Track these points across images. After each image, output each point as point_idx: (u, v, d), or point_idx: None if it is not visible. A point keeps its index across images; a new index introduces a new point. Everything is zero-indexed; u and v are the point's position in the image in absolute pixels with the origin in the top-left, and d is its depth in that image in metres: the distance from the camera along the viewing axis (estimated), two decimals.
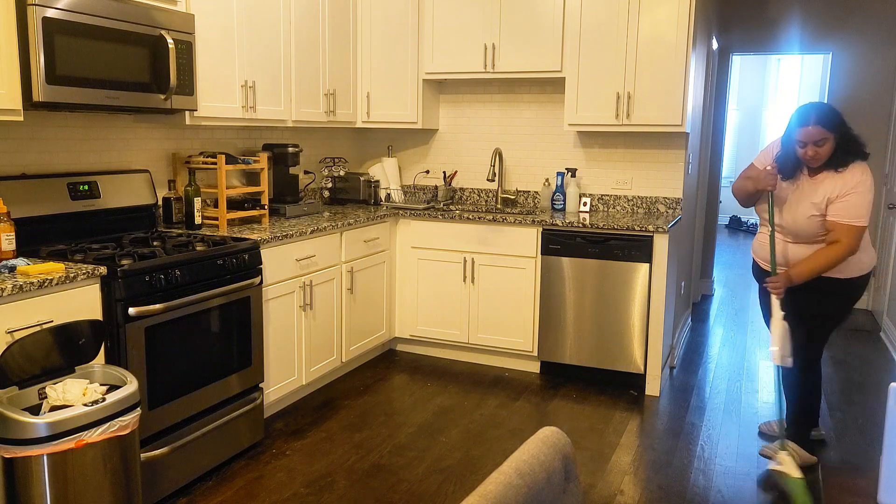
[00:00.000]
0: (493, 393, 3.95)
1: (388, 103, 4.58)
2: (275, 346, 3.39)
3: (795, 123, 2.90)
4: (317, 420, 3.54)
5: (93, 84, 2.66)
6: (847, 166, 2.90)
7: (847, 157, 2.90)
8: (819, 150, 2.87)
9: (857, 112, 5.84)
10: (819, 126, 2.84)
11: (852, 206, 2.87)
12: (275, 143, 4.04)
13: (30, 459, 2.00)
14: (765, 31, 6.07)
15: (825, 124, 2.84)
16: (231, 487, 2.87)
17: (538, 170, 4.70)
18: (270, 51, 3.69)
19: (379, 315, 4.34)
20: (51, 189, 2.88)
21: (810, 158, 2.90)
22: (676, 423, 3.59)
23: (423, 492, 2.87)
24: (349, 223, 3.93)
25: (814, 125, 2.85)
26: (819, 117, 2.85)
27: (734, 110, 10.82)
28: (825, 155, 2.89)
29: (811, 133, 2.85)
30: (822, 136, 2.85)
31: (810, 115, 2.86)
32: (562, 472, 1.34)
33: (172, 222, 3.50)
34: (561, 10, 4.16)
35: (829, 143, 2.86)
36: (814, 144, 2.87)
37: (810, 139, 2.86)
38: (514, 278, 4.18)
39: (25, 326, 2.21)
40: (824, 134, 2.84)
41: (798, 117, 2.90)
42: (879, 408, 3.84)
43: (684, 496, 2.89)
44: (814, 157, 2.90)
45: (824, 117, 2.85)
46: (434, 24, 4.46)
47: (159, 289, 2.61)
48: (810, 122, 2.85)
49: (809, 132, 2.85)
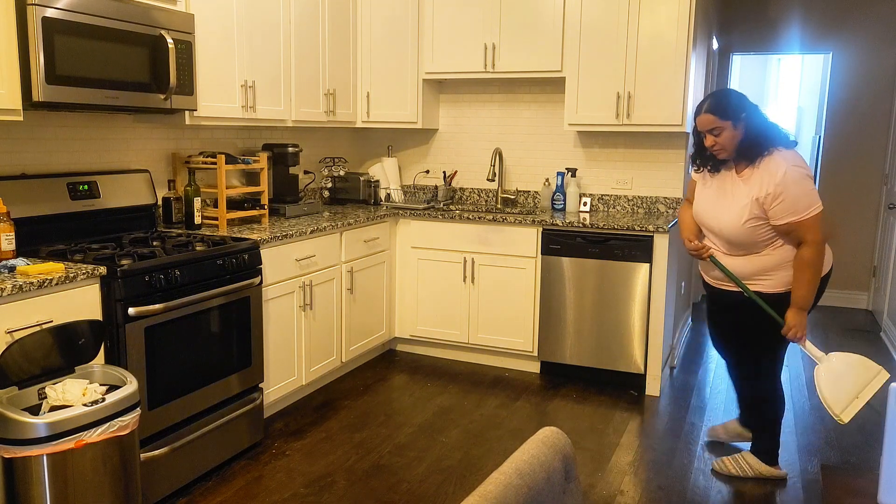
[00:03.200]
0: (493, 393, 3.95)
1: (388, 103, 4.58)
2: (275, 346, 3.39)
3: (695, 112, 2.75)
4: (317, 420, 3.54)
5: (92, 84, 2.65)
6: (762, 157, 2.65)
7: (756, 150, 2.65)
8: (717, 139, 2.68)
9: (857, 112, 5.85)
10: (710, 114, 2.67)
11: (794, 201, 2.60)
12: (275, 143, 4.04)
13: (30, 459, 1.99)
14: (765, 31, 6.07)
15: (716, 111, 2.65)
16: (231, 487, 2.87)
17: (538, 170, 4.70)
18: (270, 51, 3.69)
19: (379, 315, 4.34)
20: (50, 189, 2.88)
21: (711, 148, 2.72)
22: (676, 423, 3.59)
23: (423, 492, 2.87)
24: (349, 223, 3.93)
25: (705, 113, 2.67)
26: (711, 104, 2.67)
27: None
28: (727, 144, 2.68)
29: (703, 121, 2.69)
30: (714, 125, 2.66)
31: (703, 103, 2.70)
32: (562, 472, 1.34)
33: (172, 222, 3.50)
34: (561, 10, 4.16)
35: (725, 131, 2.66)
36: (710, 133, 2.69)
37: (704, 128, 2.70)
38: (514, 278, 4.17)
39: (25, 326, 2.21)
40: (716, 122, 2.65)
41: (698, 105, 2.74)
42: (879, 408, 3.84)
43: (684, 496, 2.89)
44: (714, 147, 2.71)
45: (717, 104, 2.66)
46: (434, 24, 4.46)
47: (159, 289, 2.61)
48: (702, 109, 2.69)
49: (701, 120, 2.70)
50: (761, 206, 2.65)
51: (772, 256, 2.74)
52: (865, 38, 5.76)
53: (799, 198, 2.60)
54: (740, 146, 2.69)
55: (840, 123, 5.91)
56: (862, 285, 6.06)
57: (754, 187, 2.67)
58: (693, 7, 3.90)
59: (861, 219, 5.96)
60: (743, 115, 2.67)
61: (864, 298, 6.05)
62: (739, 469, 3.04)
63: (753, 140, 2.67)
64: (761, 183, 2.64)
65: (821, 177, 6.06)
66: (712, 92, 2.78)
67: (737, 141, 2.69)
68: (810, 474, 3.07)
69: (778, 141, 2.69)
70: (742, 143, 2.68)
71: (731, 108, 2.67)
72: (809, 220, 2.62)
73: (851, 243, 6.02)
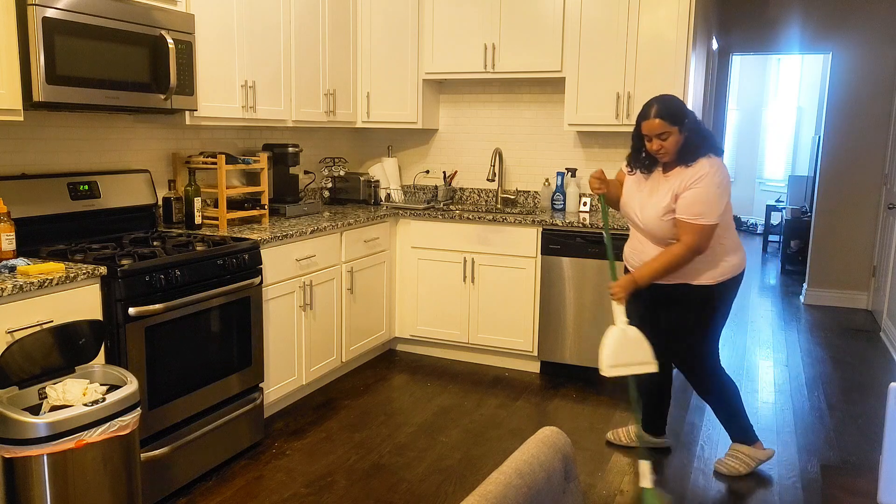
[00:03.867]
0: (493, 393, 3.95)
1: (388, 103, 4.58)
2: (275, 346, 3.39)
3: (639, 117, 2.84)
4: (317, 420, 3.54)
5: (93, 84, 2.66)
6: (696, 161, 2.78)
7: (696, 151, 2.78)
8: (663, 143, 2.78)
9: (857, 112, 5.85)
10: (660, 119, 2.75)
11: (692, 203, 2.75)
12: (275, 143, 4.04)
13: (30, 459, 1.99)
14: (765, 31, 6.07)
15: (666, 117, 2.75)
16: (231, 487, 2.87)
17: (538, 170, 4.70)
18: (270, 51, 3.69)
19: (379, 315, 4.34)
20: (51, 189, 2.88)
21: (656, 152, 2.81)
22: (676, 423, 3.59)
23: (423, 492, 2.87)
24: (349, 223, 3.93)
25: (654, 118, 2.76)
26: (660, 110, 2.76)
27: (734, 110, 10.82)
28: (671, 148, 2.79)
29: (653, 126, 2.78)
30: (663, 130, 2.76)
31: (652, 108, 2.78)
32: (562, 472, 1.34)
33: (172, 222, 3.50)
34: (561, 10, 4.16)
35: (672, 136, 2.77)
36: (657, 138, 2.78)
37: (652, 132, 2.79)
38: (514, 278, 4.18)
39: (25, 326, 2.21)
40: (666, 127, 2.75)
41: (642, 111, 2.83)
42: (879, 408, 3.84)
43: (684, 496, 2.89)
44: (659, 151, 2.80)
45: (665, 110, 2.76)
46: (434, 24, 4.46)
47: (159, 289, 2.61)
48: (651, 114, 2.78)
49: (651, 125, 2.78)
50: (676, 200, 2.80)
51: None
52: (865, 38, 5.76)
53: (696, 201, 2.75)
54: (681, 150, 2.81)
55: (840, 123, 5.91)
56: (862, 285, 6.06)
57: (675, 183, 2.81)
58: (693, 7, 3.90)
59: (861, 219, 5.96)
60: (686, 121, 2.80)
61: (864, 298, 6.05)
62: (740, 464, 3.07)
63: (693, 145, 2.80)
64: (681, 180, 2.79)
65: (821, 177, 6.07)
66: (655, 98, 2.85)
67: (679, 145, 2.81)
68: (810, 474, 3.07)
69: (712, 148, 2.83)
70: (682, 148, 2.81)
71: (679, 114, 2.79)
72: (694, 226, 2.77)
73: (851, 243, 6.02)
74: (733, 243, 2.93)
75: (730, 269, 2.92)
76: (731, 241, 2.93)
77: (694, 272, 2.89)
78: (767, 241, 9.12)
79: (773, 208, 9.17)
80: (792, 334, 5.28)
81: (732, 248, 2.93)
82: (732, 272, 2.93)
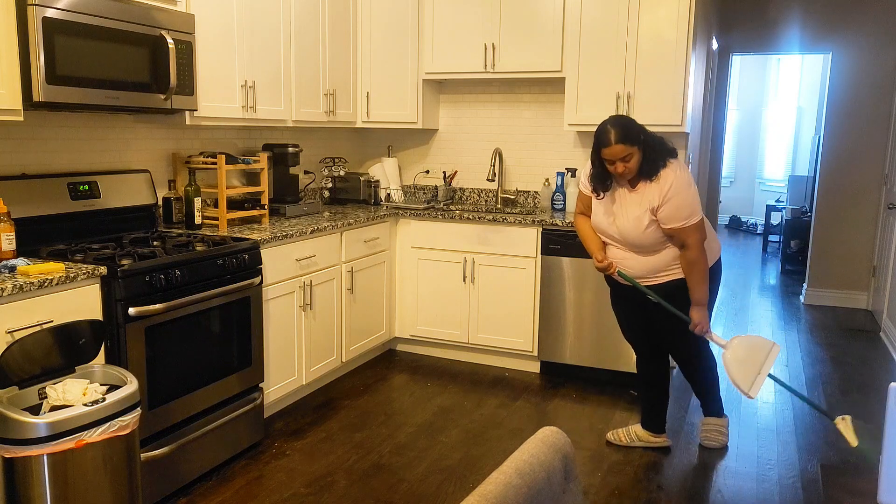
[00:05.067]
0: (493, 393, 3.95)
1: (388, 103, 4.58)
2: (275, 346, 3.39)
3: (598, 144, 2.90)
4: (317, 420, 3.54)
5: (93, 84, 2.66)
6: (658, 173, 2.89)
7: (656, 165, 2.89)
8: (627, 164, 2.86)
9: (857, 112, 5.85)
10: (621, 143, 2.83)
11: (678, 209, 2.87)
12: (275, 143, 4.04)
13: (30, 459, 2.00)
14: (765, 31, 6.07)
15: (626, 140, 2.83)
16: (231, 487, 2.87)
17: (538, 170, 4.70)
18: (270, 51, 3.69)
19: (379, 315, 4.34)
20: (51, 189, 2.88)
21: (622, 174, 2.90)
22: (676, 423, 3.59)
23: (423, 492, 2.87)
24: (349, 223, 3.93)
25: (616, 143, 2.83)
26: (619, 134, 2.83)
27: (734, 110, 10.82)
28: (635, 167, 2.88)
29: (615, 152, 2.85)
30: (626, 153, 2.84)
31: (610, 134, 2.85)
32: (562, 472, 1.34)
33: (172, 222, 3.50)
34: (561, 10, 4.16)
35: (634, 156, 2.86)
36: (621, 161, 2.86)
37: (615, 157, 2.86)
38: (514, 278, 4.18)
39: (25, 326, 2.21)
40: (627, 149, 2.84)
41: (599, 137, 2.88)
42: (879, 408, 3.84)
43: (684, 496, 2.89)
44: (624, 173, 2.89)
45: (623, 133, 2.84)
46: (434, 24, 4.46)
47: (159, 289, 2.61)
48: (612, 141, 2.84)
49: (613, 151, 2.85)
50: (655, 213, 2.91)
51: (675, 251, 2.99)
52: (865, 38, 5.76)
53: (681, 207, 2.87)
54: (641, 166, 2.89)
55: (840, 123, 5.91)
56: (862, 285, 6.06)
57: (646, 197, 2.90)
58: (693, 7, 3.90)
59: (861, 219, 5.96)
60: (642, 138, 2.88)
61: (864, 298, 6.05)
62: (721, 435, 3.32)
63: (650, 158, 2.89)
64: (653, 194, 2.89)
65: (821, 177, 6.07)
66: (611, 121, 2.89)
67: (640, 162, 2.88)
68: (810, 474, 3.07)
69: (667, 153, 2.92)
70: (643, 163, 2.89)
71: (635, 134, 2.87)
72: (690, 227, 2.90)
73: (851, 243, 6.02)
74: (708, 231, 3.05)
75: (713, 253, 3.05)
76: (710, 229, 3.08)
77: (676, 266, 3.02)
78: (767, 241, 9.12)
79: (773, 208, 9.17)
80: (792, 334, 5.28)
81: (710, 235, 3.06)
82: (715, 256, 3.08)
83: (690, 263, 2.94)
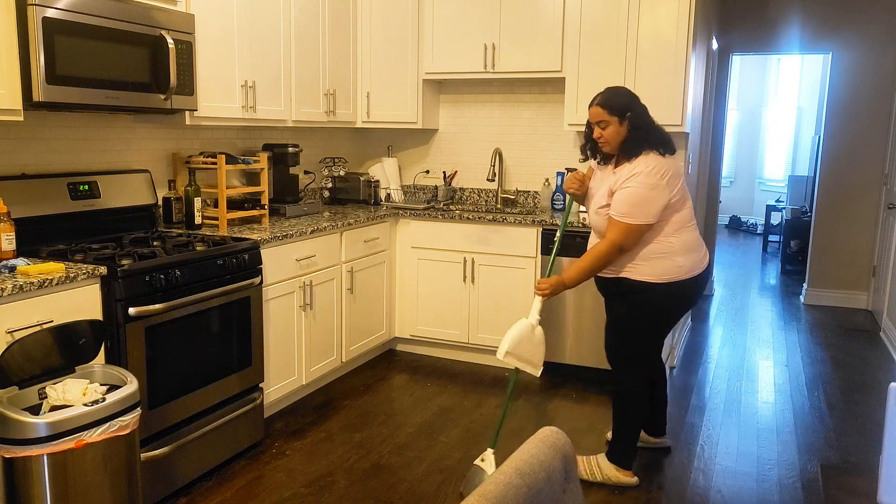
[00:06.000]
0: (493, 393, 3.95)
1: (388, 103, 4.58)
2: (275, 346, 3.39)
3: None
4: (317, 420, 3.54)
5: (93, 84, 2.66)
6: (638, 156, 2.73)
7: (638, 147, 2.73)
8: (603, 132, 2.76)
9: (857, 112, 5.85)
10: (599, 107, 2.75)
11: (621, 201, 2.70)
12: (275, 143, 4.04)
13: (30, 459, 2.00)
14: (765, 31, 6.07)
15: (605, 106, 2.74)
16: (231, 487, 2.87)
17: (538, 170, 4.70)
18: (270, 51, 3.69)
19: (379, 315, 4.34)
20: (51, 189, 2.88)
21: (598, 140, 2.81)
22: (676, 423, 3.59)
23: (423, 492, 2.87)
24: (349, 223, 3.93)
25: (596, 105, 2.75)
26: (602, 98, 2.76)
27: (734, 110, 10.82)
28: (611, 139, 2.76)
29: (592, 113, 2.78)
30: (601, 118, 2.75)
31: (597, 96, 2.78)
32: (562, 472, 1.34)
33: (172, 222, 3.50)
34: (561, 9, 4.16)
35: (611, 126, 2.74)
36: (598, 126, 2.77)
37: (593, 120, 2.79)
38: (514, 278, 4.18)
39: (25, 326, 2.21)
40: (604, 115, 2.74)
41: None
42: (879, 408, 3.84)
43: (684, 496, 2.89)
44: (600, 140, 2.79)
45: (607, 99, 2.75)
46: (434, 24, 4.46)
47: (159, 289, 2.61)
48: (594, 102, 2.78)
49: (592, 112, 2.79)
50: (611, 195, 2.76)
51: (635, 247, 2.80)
52: (865, 38, 5.76)
53: (626, 202, 2.70)
54: (623, 144, 2.77)
55: (840, 123, 5.91)
56: (861, 285, 6.06)
57: (616, 177, 2.77)
58: (693, 7, 3.90)
59: (861, 219, 5.96)
60: (629, 114, 2.75)
61: (864, 298, 6.05)
62: (593, 474, 2.97)
63: (634, 139, 2.75)
64: (620, 177, 2.75)
65: (821, 177, 6.07)
66: (610, 87, 2.86)
67: (621, 138, 2.77)
68: (810, 474, 3.07)
69: (658, 144, 2.75)
70: (624, 142, 2.77)
71: (620, 105, 2.76)
72: (619, 225, 2.72)
73: (851, 243, 6.02)
74: (684, 245, 2.80)
75: (675, 270, 2.78)
76: (681, 241, 2.79)
77: (632, 267, 2.81)
78: (767, 241, 9.12)
79: (773, 208, 9.17)
80: (792, 334, 5.28)
81: (682, 249, 2.79)
82: (678, 274, 2.79)
83: (594, 252, 2.77)
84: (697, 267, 2.83)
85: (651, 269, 2.80)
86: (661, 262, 2.78)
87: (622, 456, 2.95)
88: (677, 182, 2.76)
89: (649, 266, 2.80)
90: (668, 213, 2.75)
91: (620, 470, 2.94)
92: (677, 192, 2.76)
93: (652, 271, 2.80)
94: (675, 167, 2.78)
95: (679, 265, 2.79)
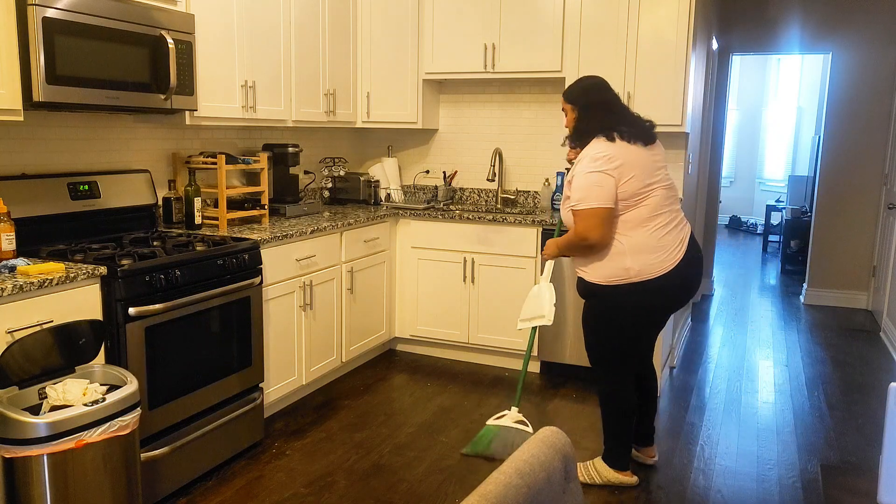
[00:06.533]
0: (493, 393, 3.95)
1: (388, 103, 4.58)
2: (275, 346, 3.39)
3: None
4: (317, 420, 3.54)
5: (93, 84, 2.66)
6: (588, 143, 2.73)
7: (583, 135, 2.74)
8: (566, 118, 2.83)
9: (857, 112, 5.85)
10: (563, 97, 2.81)
11: (574, 188, 2.68)
12: (275, 143, 4.04)
13: (30, 459, 2.00)
14: (765, 31, 6.07)
15: (564, 94, 2.80)
16: (231, 487, 2.87)
17: (538, 170, 4.70)
18: (270, 51, 3.69)
19: (379, 315, 4.34)
20: (51, 189, 2.88)
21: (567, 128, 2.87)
22: (676, 423, 3.59)
23: (423, 492, 2.87)
24: (349, 223, 3.93)
25: (563, 94, 2.83)
26: (566, 89, 2.82)
27: (734, 110, 10.82)
28: (570, 126, 2.82)
29: (562, 101, 2.86)
30: (563, 107, 2.83)
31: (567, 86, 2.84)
32: (562, 472, 1.34)
33: (172, 222, 3.50)
34: (561, 9, 4.16)
35: (570, 113, 2.80)
36: (564, 112, 2.86)
37: (562, 106, 2.86)
38: (515, 278, 4.18)
39: (25, 326, 2.21)
40: (564, 104, 2.81)
41: None
42: (879, 408, 3.84)
43: (684, 496, 2.89)
44: (567, 126, 2.86)
45: (569, 89, 2.81)
46: (434, 24, 4.46)
47: (159, 289, 2.61)
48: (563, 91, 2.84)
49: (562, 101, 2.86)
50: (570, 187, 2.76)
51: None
52: (865, 38, 5.76)
53: (575, 188, 2.68)
54: (573, 131, 2.83)
55: (840, 123, 5.91)
56: (861, 285, 6.06)
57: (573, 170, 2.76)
58: (693, 7, 3.90)
59: (861, 219, 5.96)
60: (582, 103, 2.79)
61: (864, 298, 6.05)
62: (590, 476, 2.94)
63: (580, 127, 2.79)
64: (575, 166, 2.75)
65: (821, 177, 6.07)
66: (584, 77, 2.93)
67: (573, 125, 2.83)
68: (810, 474, 3.07)
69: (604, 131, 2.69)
70: (573, 129, 2.82)
71: (575, 94, 2.82)
72: (575, 212, 2.68)
73: (851, 243, 6.02)
74: (634, 245, 2.65)
75: (621, 272, 2.66)
76: (630, 241, 2.66)
77: (585, 267, 2.79)
78: (767, 241, 9.12)
79: (773, 208, 9.18)
80: (792, 334, 5.28)
81: (632, 249, 2.65)
82: (625, 277, 2.66)
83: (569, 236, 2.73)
84: (653, 270, 2.65)
85: (598, 272, 2.73)
86: (609, 264, 2.69)
87: (615, 457, 2.92)
88: (631, 172, 2.62)
89: (598, 268, 2.73)
90: (618, 209, 2.65)
91: (618, 471, 2.93)
92: (629, 185, 2.62)
93: (599, 273, 2.73)
94: (630, 157, 2.64)
95: (626, 267, 2.66)
